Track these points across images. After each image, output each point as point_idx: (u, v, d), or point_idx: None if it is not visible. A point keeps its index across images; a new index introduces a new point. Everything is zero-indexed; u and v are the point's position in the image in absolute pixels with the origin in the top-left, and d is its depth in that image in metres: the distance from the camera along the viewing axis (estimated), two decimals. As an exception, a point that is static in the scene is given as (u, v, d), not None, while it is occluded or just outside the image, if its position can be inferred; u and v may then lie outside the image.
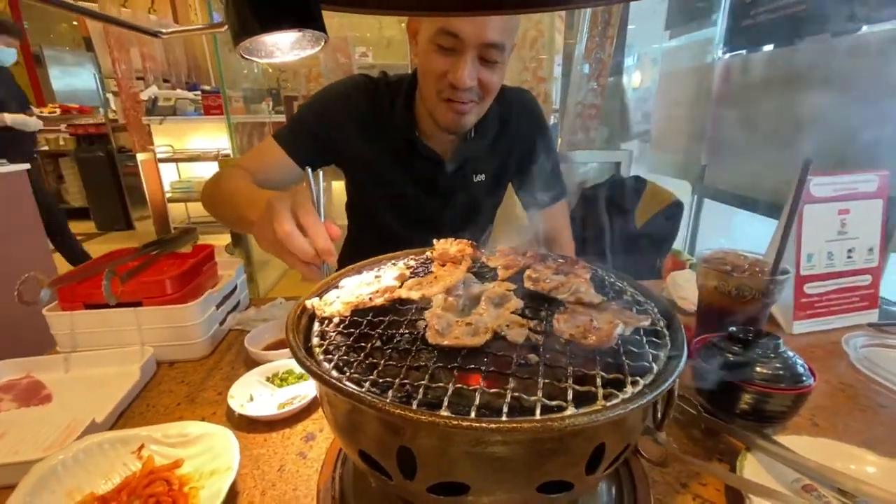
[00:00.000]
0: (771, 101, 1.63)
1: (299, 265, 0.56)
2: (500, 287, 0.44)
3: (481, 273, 0.53)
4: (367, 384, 0.33)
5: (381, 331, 0.41)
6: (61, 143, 5.43)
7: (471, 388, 0.32)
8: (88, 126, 5.23)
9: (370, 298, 0.44)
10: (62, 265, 2.30)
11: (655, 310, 0.45)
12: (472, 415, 0.30)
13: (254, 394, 0.68)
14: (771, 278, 0.67)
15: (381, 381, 0.34)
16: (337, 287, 0.50)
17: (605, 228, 1.62)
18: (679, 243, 1.99)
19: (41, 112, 4.70)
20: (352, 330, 0.41)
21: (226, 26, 0.52)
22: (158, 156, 4.36)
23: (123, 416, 0.66)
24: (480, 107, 0.92)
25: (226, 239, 4.48)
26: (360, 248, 1.24)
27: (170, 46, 5.35)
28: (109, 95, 5.53)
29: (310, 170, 0.58)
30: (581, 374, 0.34)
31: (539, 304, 0.45)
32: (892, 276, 1.09)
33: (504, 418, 0.29)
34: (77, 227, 5.21)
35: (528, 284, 0.46)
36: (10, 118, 2.97)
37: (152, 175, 4.42)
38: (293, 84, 2.45)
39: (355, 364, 0.36)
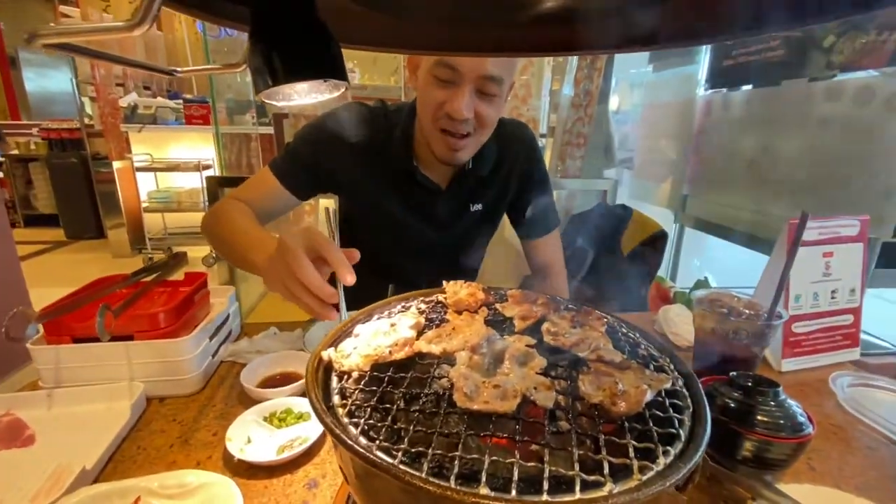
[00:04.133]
0: (749, 137, 1.71)
1: (316, 308, 0.56)
2: (520, 342, 0.45)
3: (497, 322, 0.53)
4: (398, 454, 0.32)
5: (404, 389, 0.40)
6: (32, 147, 5.24)
7: (507, 460, 0.32)
8: (62, 131, 5.06)
9: (390, 352, 0.44)
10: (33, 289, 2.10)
11: (671, 365, 0.46)
12: (513, 491, 0.29)
13: (251, 435, 0.66)
14: (767, 323, 0.69)
15: (412, 450, 0.33)
16: (351, 335, 0.50)
17: (594, 256, 1.65)
18: (661, 271, 2.04)
19: None
20: (373, 387, 0.41)
21: (242, 67, 0.52)
22: (136, 164, 4.26)
23: (113, 460, 0.62)
24: (476, 139, 0.93)
25: (204, 250, 4.38)
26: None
27: (153, 54, 5.26)
28: (86, 100, 5.38)
29: (330, 209, 0.58)
30: (613, 443, 0.34)
31: (559, 357, 0.45)
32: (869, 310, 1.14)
33: (546, 497, 0.29)
34: (45, 235, 5.02)
35: (548, 339, 0.46)
36: None
37: (129, 183, 4.31)
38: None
39: (383, 429, 0.35)
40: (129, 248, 4.36)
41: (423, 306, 0.58)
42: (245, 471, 0.60)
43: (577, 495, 0.29)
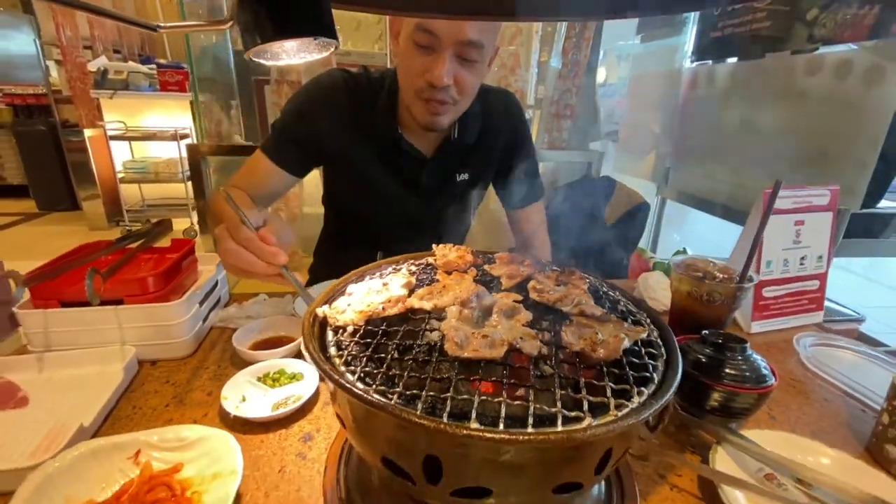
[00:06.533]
0: (732, 110, 1.74)
1: (262, 277, 0.62)
2: (508, 298, 0.47)
3: (485, 282, 0.55)
4: (393, 397, 0.35)
5: (397, 341, 0.42)
6: (-4, 113, 4.98)
7: (495, 399, 0.34)
8: (27, 96, 4.82)
9: (383, 308, 0.46)
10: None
11: (648, 320, 0.49)
12: (501, 426, 0.32)
13: (246, 394, 0.67)
14: (739, 285, 0.73)
15: (406, 392, 0.35)
16: (344, 294, 0.51)
17: (579, 227, 1.68)
18: (643, 242, 2.09)
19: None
20: (368, 340, 0.43)
21: (229, 24, 0.51)
22: (109, 133, 4.09)
23: (110, 419, 0.64)
24: (457, 107, 0.92)
25: (184, 223, 4.29)
26: (338, 242, 1.23)
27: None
28: (51, 64, 5.10)
29: (228, 192, 0.62)
30: (592, 385, 0.37)
31: (544, 313, 0.48)
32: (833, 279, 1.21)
33: (531, 430, 0.31)
34: (16, 207, 4.84)
35: (533, 296, 0.48)
36: None
37: (102, 153, 4.15)
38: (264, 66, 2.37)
39: (378, 376, 0.37)
40: (106, 221, 4.25)
41: (413, 268, 0.60)
42: (241, 426, 0.62)
43: (559, 428, 0.32)
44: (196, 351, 0.81)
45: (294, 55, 0.52)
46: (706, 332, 0.68)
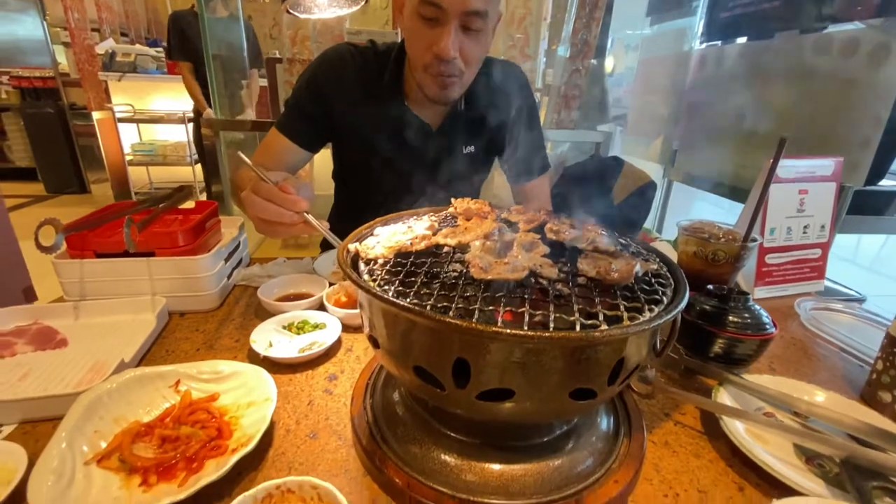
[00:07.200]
0: (740, 91, 1.75)
1: (290, 228, 0.65)
2: (527, 236, 0.50)
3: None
4: (427, 308, 0.38)
5: (426, 269, 0.46)
6: (3, 96, 5.00)
7: (519, 310, 0.38)
8: (34, 79, 4.83)
9: (410, 243, 0.49)
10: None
11: (657, 259, 0.52)
12: (525, 328, 0.35)
13: (272, 340, 0.71)
14: (743, 244, 0.76)
15: (438, 306, 0.39)
16: (373, 234, 0.55)
17: (586, 206, 1.70)
18: (648, 223, 2.11)
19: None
20: (398, 269, 0.46)
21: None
22: (117, 115, 4.11)
23: (145, 360, 0.68)
24: (464, 78, 0.93)
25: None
26: (348, 215, 1.26)
27: (130, -6, 5.00)
28: (58, 47, 5.11)
29: (243, 155, 0.65)
30: (608, 303, 0.40)
31: (560, 252, 0.51)
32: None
33: (552, 332, 0.35)
34: (24, 189, 4.89)
35: (550, 236, 0.52)
36: None
37: (110, 135, 4.17)
38: (272, 46, 2.39)
39: (411, 294, 0.41)
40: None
41: (434, 217, 0.63)
42: (270, 367, 0.66)
43: (580, 330, 0.35)
44: (221, 305, 0.85)
45: (325, 9, 0.55)
46: (711, 286, 0.71)
